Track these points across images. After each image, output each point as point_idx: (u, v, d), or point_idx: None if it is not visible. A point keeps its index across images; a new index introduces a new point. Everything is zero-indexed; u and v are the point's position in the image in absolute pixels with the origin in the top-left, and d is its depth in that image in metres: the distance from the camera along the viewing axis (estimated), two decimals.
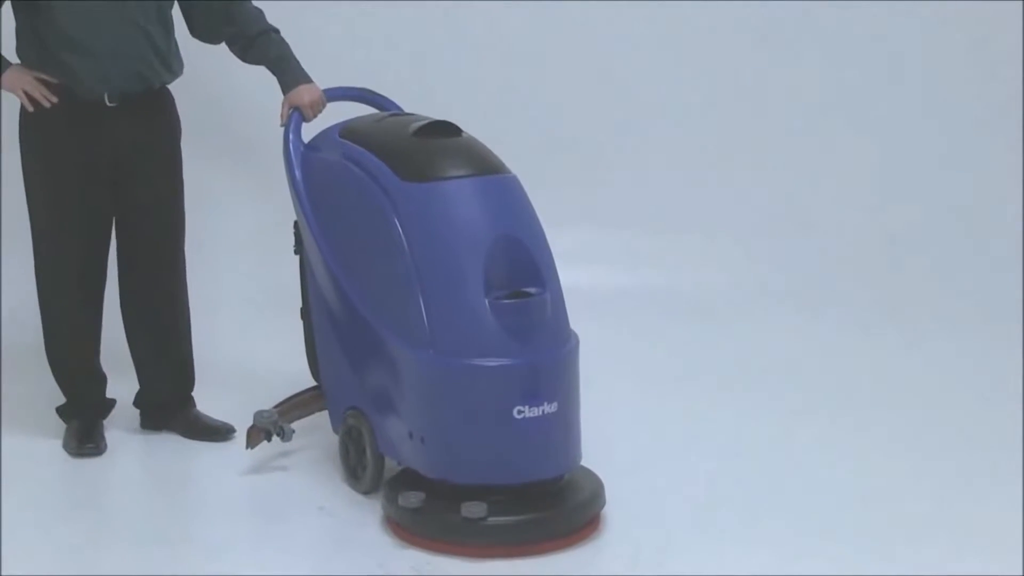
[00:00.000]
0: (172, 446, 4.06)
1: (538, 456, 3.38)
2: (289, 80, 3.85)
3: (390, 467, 3.61)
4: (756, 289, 5.25)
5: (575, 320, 3.53)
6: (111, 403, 4.16)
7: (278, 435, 3.82)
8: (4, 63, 3.83)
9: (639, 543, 3.41)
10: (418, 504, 3.35)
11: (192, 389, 4.15)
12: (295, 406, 3.94)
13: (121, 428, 4.13)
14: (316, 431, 3.97)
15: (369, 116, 3.82)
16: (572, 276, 3.68)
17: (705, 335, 4.96)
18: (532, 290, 3.38)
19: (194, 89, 4.14)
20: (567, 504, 3.41)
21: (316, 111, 3.85)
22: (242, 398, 4.12)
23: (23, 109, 3.84)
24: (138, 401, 4.16)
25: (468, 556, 3.31)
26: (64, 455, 4.00)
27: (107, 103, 3.81)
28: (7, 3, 3.84)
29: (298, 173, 3.74)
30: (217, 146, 4.97)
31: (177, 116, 4.00)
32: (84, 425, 4.05)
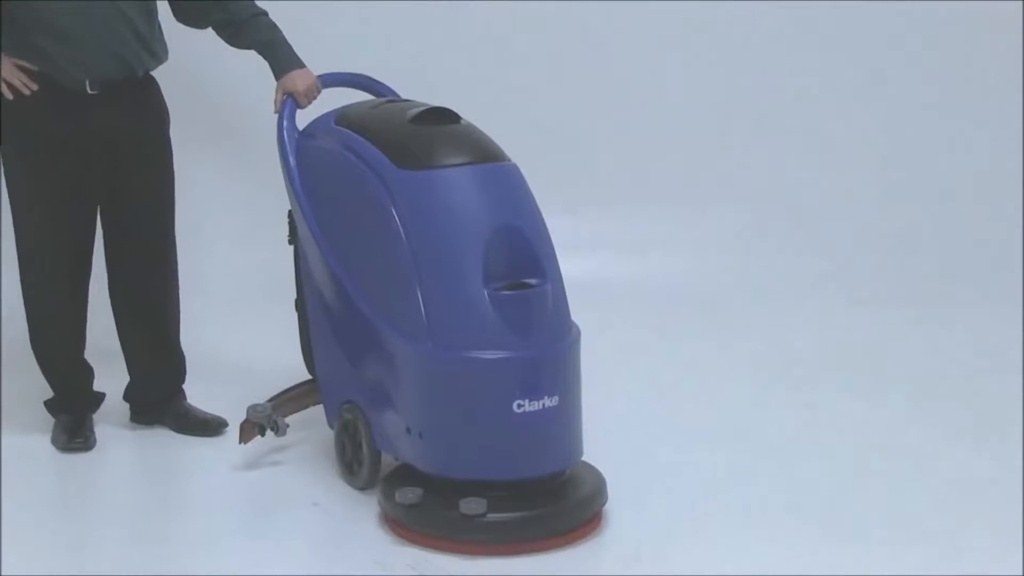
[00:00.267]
0: (163, 440, 4.04)
1: (538, 451, 3.37)
2: (281, 65, 3.81)
3: (387, 462, 3.59)
4: (762, 279, 5.28)
5: (576, 311, 3.51)
6: (100, 396, 4.14)
7: (272, 430, 3.81)
8: None
9: (641, 540, 3.40)
10: (416, 500, 3.34)
11: (183, 382, 4.11)
12: (289, 400, 3.92)
13: (110, 422, 4.11)
14: (311, 425, 3.96)
15: (365, 102, 3.80)
16: (573, 266, 3.67)
17: (710, 326, 4.97)
18: (532, 281, 3.36)
19: (183, 75, 4.11)
20: (568, 500, 3.40)
21: (311, 97, 3.82)
22: (235, 392, 4.10)
23: (2, 98, 3.76)
24: (128, 395, 4.12)
25: (467, 553, 3.30)
26: (53, 450, 3.98)
27: (89, 91, 3.75)
28: None
29: (293, 161, 3.72)
30: (208, 133, 4.97)
31: (163, 104, 3.94)
32: (73, 419, 4.03)
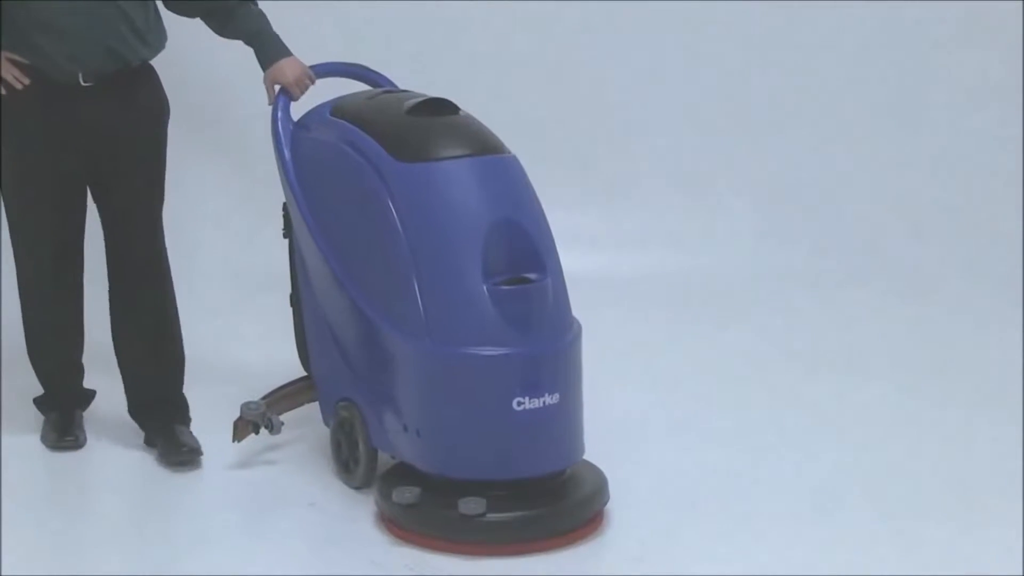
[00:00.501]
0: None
1: (539, 450, 3.35)
2: (268, 54, 3.76)
3: (384, 461, 3.58)
4: (766, 274, 5.27)
5: (577, 307, 3.50)
6: (91, 394, 4.11)
7: (266, 428, 3.79)
8: None
9: (644, 541, 3.39)
10: (413, 500, 3.32)
11: (183, 386, 4.01)
12: (284, 397, 3.90)
13: (100, 420, 4.07)
14: (306, 423, 3.94)
15: (361, 93, 3.77)
16: (574, 261, 3.66)
17: (714, 322, 4.95)
18: (532, 276, 3.35)
19: (174, 64, 4.03)
20: (569, 500, 3.38)
21: (302, 87, 3.78)
22: (229, 389, 4.07)
23: None
24: (132, 409, 4.01)
25: (465, 554, 3.28)
26: (42, 449, 3.96)
27: (82, 83, 3.68)
28: None
29: (287, 153, 3.69)
30: (200, 123, 4.94)
31: (161, 96, 3.88)
32: (63, 417, 4.00)
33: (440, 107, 3.51)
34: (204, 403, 4.05)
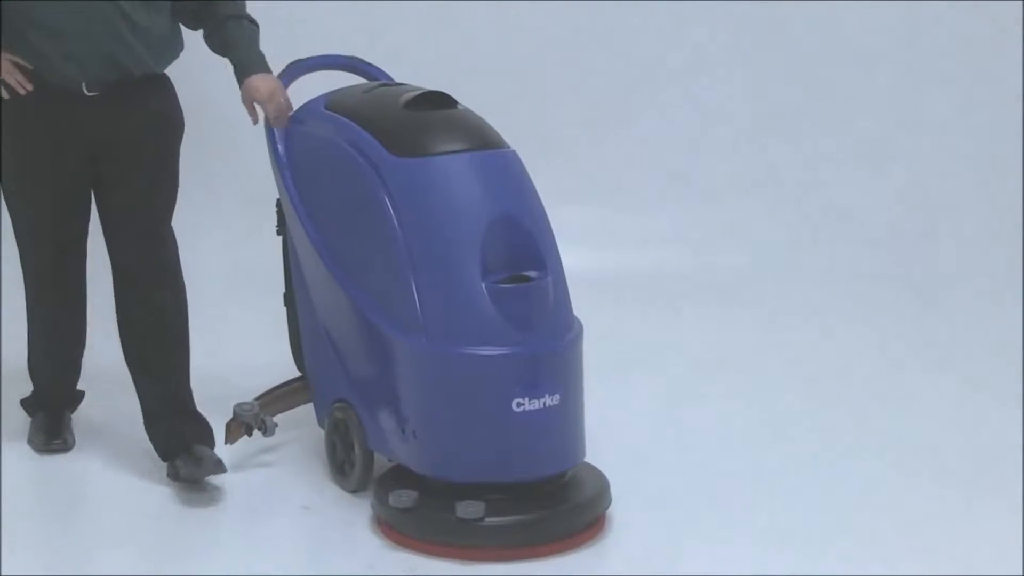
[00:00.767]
0: (144, 442, 3.93)
1: (538, 452, 3.34)
2: (242, 69, 3.62)
3: (380, 463, 3.56)
4: (770, 272, 5.30)
5: (578, 306, 3.48)
6: (80, 395, 4.09)
7: (260, 429, 3.76)
8: None
9: (646, 544, 3.39)
10: (410, 503, 3.31)
11: (192, 400, 3.90)
12: (278, 398, 3.89)
13: (89, 421, 4.06)
14: (300, 425, 3.93)
15: (357, 86, 3.77)
16: (575, 259, 3.67)
17: (716, 321, 4.97)
18: (532, 274, 3.34)
19: (175, 62, 3.98)
20: (569, 503, 3.37)
21: (277, 107, 3.63)
22: (221, 390, 4.04)
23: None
24: (149, 431, 3.89)
25: (464, 559, 3.27)
26: (30, 452, 3.94)
27: (86, 92, 3.59)
28: None
29: (281, 148, 3.69)
30: (199, 123, 4.81)
31: (172, 109, 3.74)
32: (51, 418, 3.97)
33: (438, 101, 3.51)
34: (196, 404, 3.95)
